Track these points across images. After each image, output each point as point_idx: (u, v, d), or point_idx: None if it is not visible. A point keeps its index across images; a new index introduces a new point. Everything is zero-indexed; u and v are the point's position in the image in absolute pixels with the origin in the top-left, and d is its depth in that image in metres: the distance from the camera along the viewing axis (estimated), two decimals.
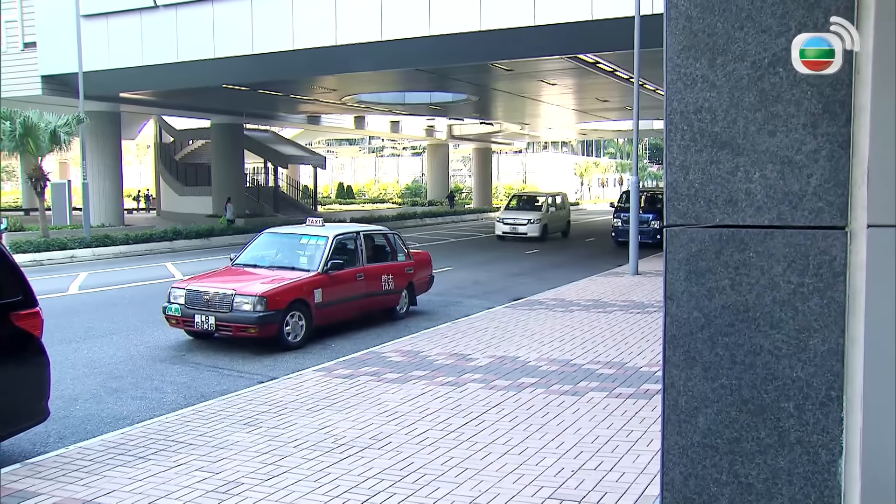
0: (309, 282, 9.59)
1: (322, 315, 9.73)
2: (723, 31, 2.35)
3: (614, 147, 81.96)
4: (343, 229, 10.98)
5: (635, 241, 15.74)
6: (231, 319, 8.90)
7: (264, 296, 8.92)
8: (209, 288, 9.22)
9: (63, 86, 25.19)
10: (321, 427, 5.94)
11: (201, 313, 9.05)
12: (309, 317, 9.46)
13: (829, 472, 2.30)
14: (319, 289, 9.66)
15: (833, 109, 2.26)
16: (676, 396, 2.45)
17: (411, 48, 19.36)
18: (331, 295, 9.85)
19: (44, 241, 20.34)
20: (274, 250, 10.64)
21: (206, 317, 9.02)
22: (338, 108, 36.30)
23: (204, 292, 9.17)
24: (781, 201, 2.32)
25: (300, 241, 10.58)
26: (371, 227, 11.98)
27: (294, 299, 9.24)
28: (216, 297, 9.05)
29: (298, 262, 10.10)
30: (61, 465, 5.18)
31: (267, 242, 10.87)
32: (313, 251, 10.17)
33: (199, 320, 9.06)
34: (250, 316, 8.85)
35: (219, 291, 9.08)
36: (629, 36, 15.00)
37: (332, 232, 10.44)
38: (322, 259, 9.92)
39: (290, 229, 11.41)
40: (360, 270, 10.50)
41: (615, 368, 7.69)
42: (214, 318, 8.97)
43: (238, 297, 8.95)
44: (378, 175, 72.33)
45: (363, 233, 11.08)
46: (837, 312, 2.27)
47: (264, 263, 10.25)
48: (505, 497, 4.55)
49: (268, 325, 8.91)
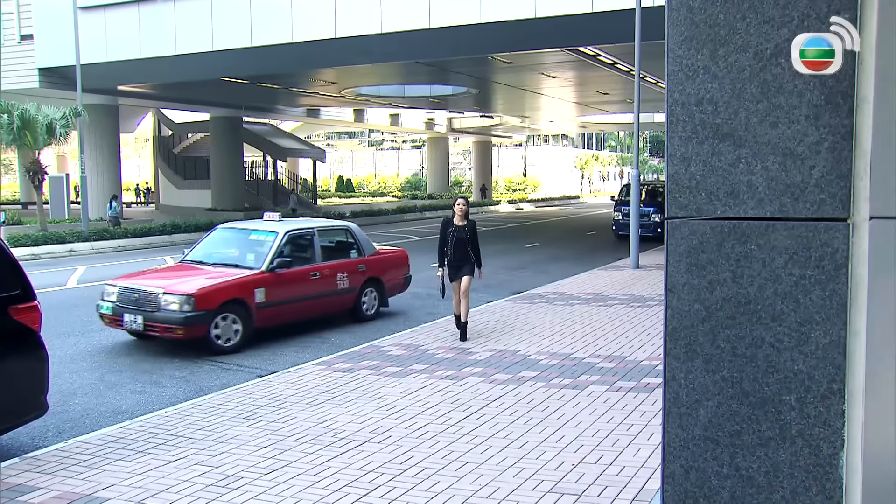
0: (250, 280, 9.02)
1: (265, 316, 9.12)
2: (724, 22, 2.33)
3: (615, 140, 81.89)
4: (297, 225, 10.36)
5: (636, 234, 15.73)
6: (157, 319, 8.39)
7: (191, 295, 8.40)
8: (139, 286, 8.78)
9: (60, 78, 25.12)
10: (321, 421, 5.93)
11: (131, 312, 8.59)
12: (247, 318, 8.85)
13: (830, 464, 2.29)
14: (262, 288, 9.05)
15: (835, 101, 2.24)
16: (677, 389, 2.44)
17: (411, 41, 19.31)
18: (277, 295, 9.23)
19: (42, 235, 20.33)
20: (224, 247, 10.11)
21: (134, 316, 8.54)
22: (337, 100, 36.24)
23: (133, 290, 8.74)
24: (783, 193, 2.30)
25: (249, 237, 10.04)
26: (331, 223, 11.35)
27: (227, 300, 8.68)
28: (144, 295, 8.59)
29: (245, 259, 9.57)
30: (60, 459, 5.18)
31: (218, 238, 10.35)
32: (260, 248, 9.59)
33: (128, 319, 8.59)
34: (176, 316, 8.33)
35: (147, 290, 8.60)
36: (630, 28, 14.96)
37: (284, 227, 9.85)
38: (268, 256, 9.33)
39: (242, 224, 10.90)
40: (314, 269, 9.88)
41: (616, 362, 7.68)
42: (143, 318, 8.48)
43: (165, 296, 8.45)
44: (378, 168, 72.28)
45: (320, 229, 10.48)
46: (839, 305, 2.26)
47: (212, 260, 9.70)
48: (505, 491, 4.54)
49: (194, 327, 8.38)
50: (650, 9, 14.51)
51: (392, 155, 74.11)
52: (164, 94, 31.50)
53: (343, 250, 10.83)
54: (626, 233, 17.96)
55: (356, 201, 48.04)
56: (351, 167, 73.36)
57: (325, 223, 11.06)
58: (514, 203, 46.45)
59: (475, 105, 40.35)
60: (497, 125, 50.18)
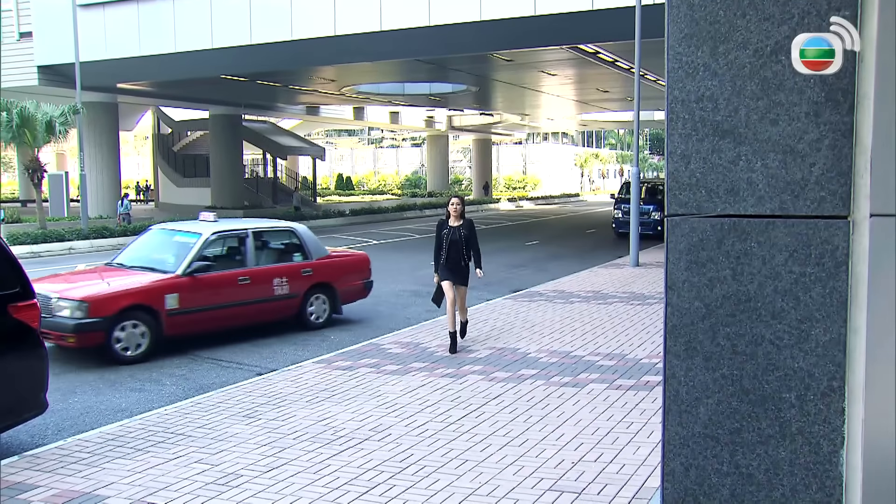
0: (160, 285, 8.45)
1: (177, 324, 8.52)
2: (725, 19, 2.33)
3: (615, 138, 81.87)
4: (227, 226, 9.69)
5: (636, 232, 15.73)
6: (50, 326, 7.67)
7: (83, 301, 7.89)
8: (42, 290, 7.95)
9: (60, 76, 25.10)
10: (321, 419, 5.93)
11: None
12: (156, 326, 8.29)
13: (830, 462, 2.29)
14: (175, 294, 8.47)
15: (836, 98, 2.24)
16: (677, 387, 2.43)
17: (410, 38, 19.29)
18: (194, 301, 8.65)
19: (41, 233, 20.32)
20: (151, 248, 9.55)
21: None
22: (337, 98, 36.22)
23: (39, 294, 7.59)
24: (783, 190, 2.30)
25: (174, 238, 9.46)
26: (273, 224, 10.59)
27: (128, 306, 8.12)
28: (44, 300, 7.79)
29: (164, 262, 8.96)
30: (60, 457, 5.17)
31: (148, 239, 9.81)
32: (180, 250, 9.01)
33: None
34: (67, 323, 7.81)
35: (44, 294, 7.90)
36: (630, 25, 14.94)
37: (210, 229, 9.21)
38: (186, 260, 8.74)
39: (173, 225, 10.25)
40: (244, 273, 9.23)
41: (615, 360, 7.68)
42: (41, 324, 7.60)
43: (58, 302, 7.93)
44: (377, 166, 72.25)
45: (257, 230, 9.68)
46: (839, 302, 2.26)
47: (134, 263, 9.15)
48: (505, 489, 4.54)
49: (87, 335, 7.86)
50: (650, 6, 14.49)
51: (392, 153, 74.08)
52: (163, 92, 31.48)
53: (285, 253, 10.05)
54: (626, 231, 17.96)
55: (356, 199, 48.05)
56: (351, 165, 73.34)
57: (265, 224, 10.32)
58: (514, 201, 46.50)
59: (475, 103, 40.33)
60: (497, 123, 50.17)
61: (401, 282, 13.78)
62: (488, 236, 24.56)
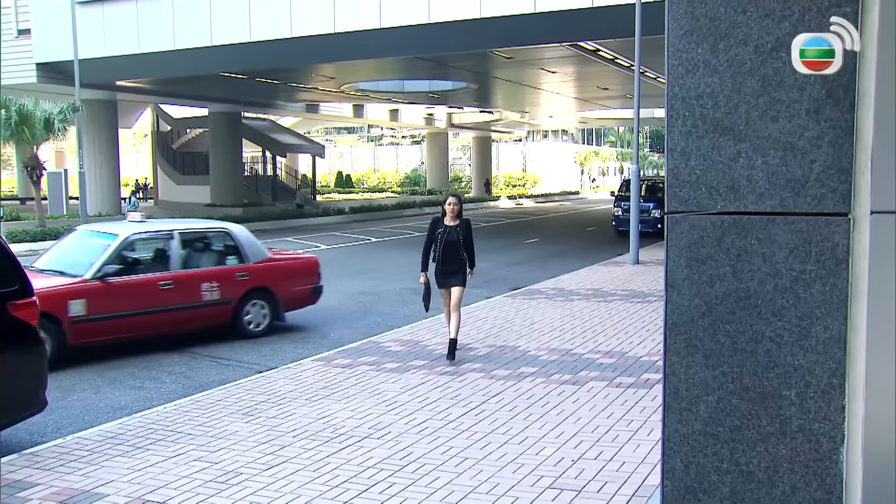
0: (63, 291, 7.85)
1: (85, 332, 7.93)
2: (725, 16, 2.32)
3: (615, 135, 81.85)
4: (148, 227, 9.15)
5: (636, 230, 15.71)
6: None
7: None
8: None
9: (58, 73, 25.06)
10: (320, 417, 5.93)
11: None
12: (59, 334, 7.67)
13: (830, 460, 2.29)
14: (82, 299, 7.92)
15: (836, 95, 2.23)
16: (677, 384, 2.43)
17: (410, 36, 19.26)
18: (105, 307, 8.09)
19: (40, 231, 20.31)
20: (69, 251, 8.98)
21: None
22: (336, 96, 36.18)
23: None
24: (784, 188, 2.29)
25: (90, 240, 8.92)
26: (203, 225, 10.03)
27: None
28: None
29: (75, 266, 8.39)
30: (59, 455, 5.17)
31: (69, 241, 9.26)
32: (92, 253, 8.46)
33: None
34: None
35: None
36: (630, 23, 14.92)
37: (128, 230, 8.68)
38: (97, 263, 8.18)
39: (96, 227, 9.69)
40: (166, 277, 8.64)
41: (615, 358, 7.68)
42: None
43: None
44: (377, 164, 72.19)
45: (184, 232, 9.12)
46: (840, 300, 2.25)
47: (47, 266, 8.61)
48: (505, 486, 4.54)
49: None
50: (650, 3, 14.47)
51: (391, 150, 74.04)
52: (162, 90, 31.45)
53: (218, 256, 9.43)
54: (626, 228, 17.94)
55: (355, 197, 48.02)
56: (350, 163, 73.29)
57: (196, 225, 9.79)
58: (514, 198, 46.51)
59: (475, 100, 40.27)
60: (497, 121, 50.10)
61: (400, 280, 13.78)
62: (488, 234, 24.56)
